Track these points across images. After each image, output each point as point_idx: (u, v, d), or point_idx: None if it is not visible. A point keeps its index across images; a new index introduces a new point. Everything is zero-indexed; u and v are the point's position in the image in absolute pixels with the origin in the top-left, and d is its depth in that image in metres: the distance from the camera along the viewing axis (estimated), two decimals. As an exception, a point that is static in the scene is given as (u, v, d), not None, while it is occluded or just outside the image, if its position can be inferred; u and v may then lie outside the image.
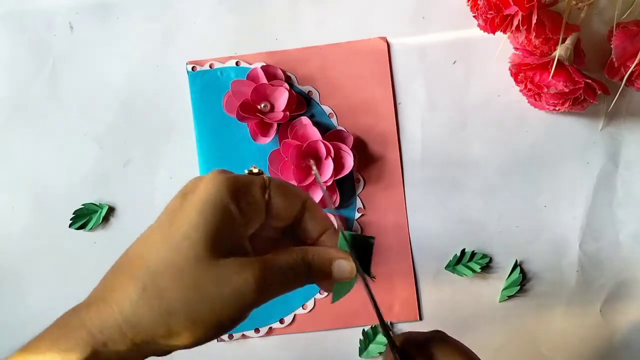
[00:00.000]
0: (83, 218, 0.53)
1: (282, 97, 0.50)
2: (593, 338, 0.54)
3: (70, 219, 0.53)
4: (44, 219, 0.53)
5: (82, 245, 0.53)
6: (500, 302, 0.53)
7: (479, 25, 0.47)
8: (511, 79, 0.50)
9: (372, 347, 0.52)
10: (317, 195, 0.51)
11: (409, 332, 0.34)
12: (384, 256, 0.52)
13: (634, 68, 0.47)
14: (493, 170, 0.53)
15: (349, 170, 0.50)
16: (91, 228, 0.53)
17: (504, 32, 0.46)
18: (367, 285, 0.32)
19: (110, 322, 0.26)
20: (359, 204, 0.53)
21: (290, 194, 0.30)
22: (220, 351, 0.53)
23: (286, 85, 0.51)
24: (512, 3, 0.43)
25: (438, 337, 0.33)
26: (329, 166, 0.50)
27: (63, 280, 0.54)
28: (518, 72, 0.48)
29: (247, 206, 0.28)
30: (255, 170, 0.31)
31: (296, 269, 0.29)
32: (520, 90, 0.50)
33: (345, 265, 0.30)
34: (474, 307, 0.53)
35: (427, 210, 0.53)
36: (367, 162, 0.53)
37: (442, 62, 0.53)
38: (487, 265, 0.53)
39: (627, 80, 0.48)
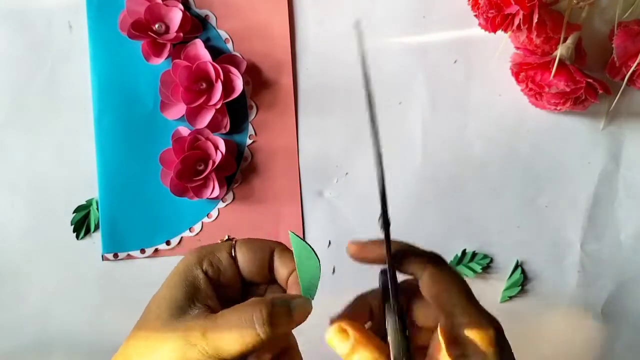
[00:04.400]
0: (82, 214, 0.53)
1: (176, 18, 0.50)
2: (594, 339, 0.53)
3: (71, 222, 0.53)
4: (43, 218, 0.53)
5: (81, 245, 0.53)
6: (501, 302, 0.53)
7: (479, 24, 0.47)
8: (512, 79, 0.49)
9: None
10: (208, 117, 0.51)
11: (408, 244, 0.33)
12: (272, 180, 0.53)
13: (635, 67, 0.46)
14: (494, 170, 0.53)
15: (239, 94, 0.50)
16: (92, 230, 0.53)
17: (505, 31, 0.46)
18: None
19: None
20: (250, 130, 0.53)
21: (256, 245, 0.32)
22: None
23: (181, 6, 0.50)
24: (513, 2, 0.43)
25: (438, 257, 0.32)
26: (218, 89, 0.50)
27: (62, 281, 0.53)
28: (519, 71, 0.48)
29: (212, 267, 0.31)
30: (225, 237, 0.32)
31: (257, 321, 0.28)
32: (522, 90, 0.50)
33: (304, 302, 0.30)
34: (474, 308, 0.53)
35: (428, 210, 0.53)
36: (261, 88, 0.53)
37: (443, 62, 0.52)
38: (488, 266, 0.53)
39: (628, 79, 0.48)
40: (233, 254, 0.32)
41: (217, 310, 0.30)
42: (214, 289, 0.31)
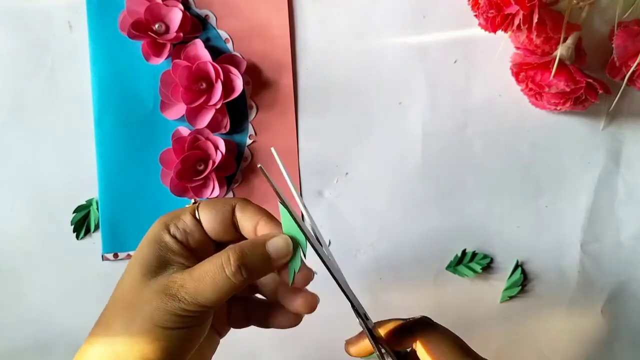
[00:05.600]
0: (82, 214, 0.53)
1: (176, 18, 0.50)
2: (594, 339, 0.53)
3: (71, 222, 0.53)
4: (43, 218, 0.53)
5: (81, 245, 0.53)
6: (501, 302, 0.53)
7: (479, 24, 0.47)
8: (512, 79, 0.49)
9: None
10: (208, 117, 0.51)
11: (393, 322, 0.32)
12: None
13: (635, 67, 0.46)
14: (494, 170, 0.53)
15: (239, 94, 0.51)
16: (92, 230, 0.53)
17: (505, 31, 0.45)
18: (332, 274, 0.31)
19: None
20: (250, 130, 0.53)
21: (217, 204, 0.32)
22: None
23: (181, 6, 0.50)
24: (513, 2, 0.43)
25: (424, 322, 0.32)
26: (218, 89, 0.50)
27: (62, 281, 0.53)
28: (519, 71, 0.48)
29: (179, 231, 0.31)
30: (192, 201, 0.33)
31: (226, 266, 0.29)
32: (522, 90, 0.50)
33: (278, 241, 0.30)
34: (475, 308, 0.53)
35: (428, 210, 0.53)
36: (261, 88, 0.53)
37: (443, 62, 0.52)
38: (488, 266, 0.53)
39: (628, 79, 0.48)
40: (197, 217, 0.32)
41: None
42: (188, 251, 0.31)
